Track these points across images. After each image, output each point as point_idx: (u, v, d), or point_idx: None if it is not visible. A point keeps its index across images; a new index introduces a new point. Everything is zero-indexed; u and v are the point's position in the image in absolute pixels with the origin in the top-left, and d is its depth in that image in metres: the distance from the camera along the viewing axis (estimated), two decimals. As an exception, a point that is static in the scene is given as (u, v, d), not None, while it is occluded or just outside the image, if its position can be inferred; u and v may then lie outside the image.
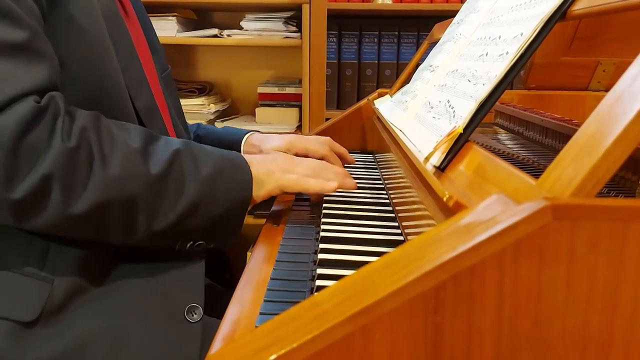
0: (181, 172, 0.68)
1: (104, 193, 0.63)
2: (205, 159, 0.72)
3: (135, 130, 0.69)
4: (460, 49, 0.78)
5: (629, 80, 0.36)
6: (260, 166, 0.77)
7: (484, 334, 0.33)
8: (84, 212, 0.63)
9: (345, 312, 0.33)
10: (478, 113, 0.57)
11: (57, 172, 0.60)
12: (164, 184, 0.67)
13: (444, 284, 0.32)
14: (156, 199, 0.67)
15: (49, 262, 0.69)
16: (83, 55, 0.69)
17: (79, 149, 0.62)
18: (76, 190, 0.62)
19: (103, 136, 0.65)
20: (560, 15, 0.53)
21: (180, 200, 0.68)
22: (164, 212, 0.67)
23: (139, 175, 0.65)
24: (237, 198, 0.73)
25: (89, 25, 0.69)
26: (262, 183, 0.76)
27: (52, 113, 0.62)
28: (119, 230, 0.67)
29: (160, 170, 0.67)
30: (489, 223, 0.33)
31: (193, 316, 0.72)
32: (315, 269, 0.63)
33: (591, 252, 0.32)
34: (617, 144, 0.33)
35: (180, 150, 0.70)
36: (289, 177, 0.78)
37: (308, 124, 1.78)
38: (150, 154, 0.68)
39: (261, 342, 0.35)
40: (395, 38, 1.89)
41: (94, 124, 0.65)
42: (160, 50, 0.98)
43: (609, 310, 0.33)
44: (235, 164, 0.75)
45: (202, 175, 0.70)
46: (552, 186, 0.36)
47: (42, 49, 0.64)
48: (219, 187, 0.71)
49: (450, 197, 0.46)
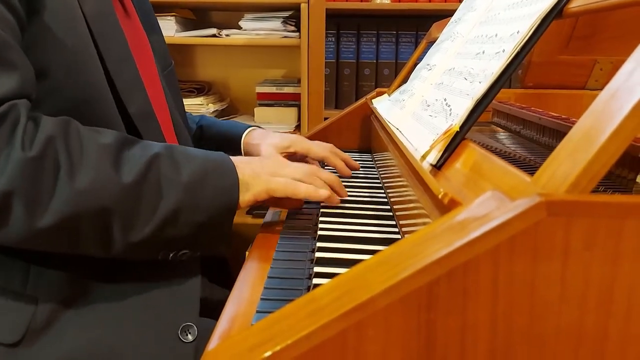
0: (158, 178, 0.64)
1: (72, 205, 0.59)
2: (187, 163, 0.67)
3: (109, 136, 0.65)
4: (457, 48, 0.78)
5: (624, 77, 0.36)
6: (246, 169, 0.72)
7: (478, 330, 0.33)
8: (52, 226, 0.59)
9: (339, 309, 0.33)
10: (474, 111, 0.57)
11: (17, 185, 0.57)
12: (139, 192, 0.63)
13: (438, 281, 0.32)
14: (131, 209, 0.63)
15: (30, 282, 0.67)
16: (64, 64, 0.66)
17: (43, 159, 0.59)
18: (41, 203, 0.59)
19: (72, 144, 0.61)
20: (556, 13, 0.52)
21: (158, 208, 0.64)
22: (141, 221, 0.63)
23: (110, 184, 0.62)
24: (222, 204, 0.68)
25: (69, 34, 0.66)
26: (248, 186, 0.72)
27: (11, 121, 0.58)
28: (94, 243, 0.64)
29: (134, 178, 0.63)
30: (483, 219, 0.33)
31: (187, 336, 0.69)
32: (313, 267, 0.63)
33: (586, 249, 0.32)
34: (612, 140, 0.33)
35: (159, 154, 0.66)
36: (277, 180, 0.74)
37: (307, 124, 1.78)
38: (124, 161, 0.64)
39: (256, 338, 0.35)
40: (394, 37, 1.89)
41: (62, 131, 0.62)
42: (163, 47, 0.98)
43: (604, 307, 0.33)
44: (220, 168, 0.70)
45: (183, 181, 0.65)
46: (547, 182, 0.36)
47: (11, 59, 0.60)
48: (202, 193, 0.67)
49: (445, 195, 0.46)
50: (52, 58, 0.66)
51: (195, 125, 1.10)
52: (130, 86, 0.75)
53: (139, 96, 0.76)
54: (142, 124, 0.75)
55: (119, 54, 0.74)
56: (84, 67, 0.68)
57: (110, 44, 0.72)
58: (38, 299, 0.67)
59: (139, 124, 0.75)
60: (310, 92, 1.76)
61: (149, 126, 0.77)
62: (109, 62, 0.71)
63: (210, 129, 1.08)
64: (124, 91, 0.72)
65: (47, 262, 0.67)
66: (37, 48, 0.65)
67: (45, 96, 0.66)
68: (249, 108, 2.01)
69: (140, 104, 0.76)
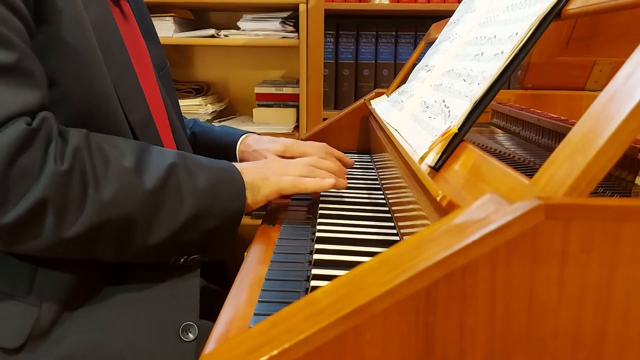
0: (178, 186, 0.67)
1: (100, 215, 0.62)
2: (201, 171, 0.70)
3: (126, 145, 0.68)
4: (456, 49, 0.78)
5: (623, 79, 0.36)
6: (254, 173, 0.76)
7: (476, 333, 0.33)
8: (78, 235, 0.61)
9: (337, 312, 0.33)
10: (473, 113, 0.56)
11: (51, 197, 0.59)
12: (161, 198, 0.66)
13: (436, 284, 0.32)
14: (153, 214, 0.65)
15: (36, 285, 0.67)
16: (73, 72, 0.67)
17: (72, 172, 0.61)
18: (71, 215, 0.60)
19: (95, 157, 0.63)
20: (555, 15, 0.52)
21: (178, 214, 0.67)
22: (161, 227, 0.66)
23: (134, 192, 0.64)
24: (231, 210, 0.72)
25: (78, 42, 0.67)
26: (258, 189, 0.76)
27: (45, 135, 0.60)
28: (113, 249, 0.66)
29: (155, 185, 0.65)
30: (481, 222, 0.33)
31: (188, 335, 0.69)
32: (311, 269, 0.63)
33: (584, 252, 0.32)
34: (611, 143, 0.33)
35: (175, 164, 0.68)
36: (285, 180, 0.78)
37: (305, 124, 1.77)
38: (145, 169, 0.66)
39: (254, 342, 0.35)
40: (393, 38, 1.89)
41: (86, 144, 0.63)
42: (159, 48, 0.98)
43: (601, 310, 0.33)
44: (228, 175, 0.73)
45: (199, 189, 0.68)
46: (545, 185, 0.36)
47: (32, 69, 0.62)
48: (214, 199, 0.70)
49: (444, 197, 0.46)
50: (61, 66, 0.66)
51: (189, 130, 1.09)
52: (131, 94, 0.75)
53: (139, 104, 0.77)
54: (142, 132, 0.76)
55: (120, 61, 0.74)
56: (91, 75, 0.68)
57: (111, 51, 0.72)
58: (42, 302, 0.67)
59: (139, 132, 0.75)
60: (309, 92, 1.76)
61: (148, 134, 0.77)
62: (110, 71, 0.71)
63: (204, 135, 1.08)
64: (124, 99, 0.73)
65: (54, 266, 0.68)
66: (46, 56, 0.65)
67: (55, 104, 0.66)
68: (248, 109, 2.01)
69: (140, 112, 0.76)
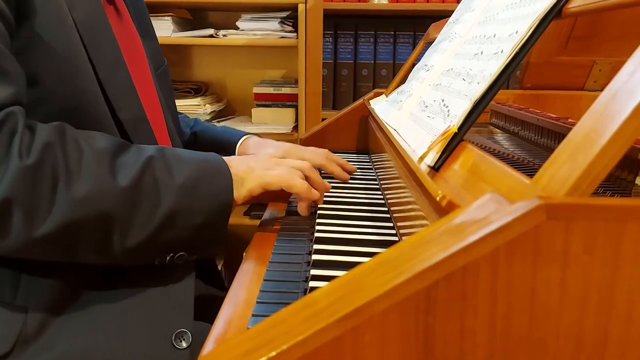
0: (154, 182, 0.64)
1: (71, 213, 0.59)
2: (181, 166, 0.67)
3: (103, 140, 0.65)
4: (455, 48, 0.77)
5: (625, 78, 0.36)
6: (241, 165, 0.73)
7: (477, 334, 0.33)
8: (50, 234, 0.59)
9: (335, 313, 0.32)
10: (473, 112, 0.56)
11: (16, 194, 0.56)
12: (136, 196, 0.63)
13: (436, 285, 0.32)
14: (129, 212, 0.63)
15: (21, 291, 0.66)
16: (55, 71, 0.65)
17: (41, 167, 0.58)
18: (40, 212, 0.58)
19: (69, 151, 0.61)
20: (555, 13, 0.52)
21: (155, 211, 0.64)
22: (139, 225, 0.63)
23: (108, 189, 0.61)
24: (217, 205, 0.68)
25: (60, 42, 0.66)
26: (243, 181, 0.72)
27: (9, 130, 0.58)
28: (91, 249, 0.63)
29: (130, 182, 0.63)
30: (482, 222, 0.32)
31: (181, 343, 0.67)
32: (309, 270, 0.62)
33: (586, 252, 0.32)
34: (613, 142, 0.33)
35: (153, 157, 0.66)
36: (272, 174, 0.74)
37: (304, 124, 1.77)
38: (121, 166, 0.64)
39: (252, 343, 0.34)
40: (391, 38, 1.89)
41: (58, 138, 0.61)
42: (156, 47, 0.97)
43: (604, 311, 0.32)
44: (213, 168, 0.70)
45: (178, 184, 0.65)
46: (546, 185, 0.35)
47: (4, 66, 0.60)
48: (197, 194, 0.66)
49: (443, 197, 0.46)
50: (43, 65, 0.65)
51: (189, 129, 1.09)
52: (122, 92, 0.74)
53: (131, 101, 0.76)
54: (133, 130, 0.74)
55: (110, 59, 0.73)
56: (74, 73, 0.67)
57: (101, 50, 0.71)
58: (28, 308, 0.65)
59: (130, 130, 0.74)
60: (307, 92, 1.76)
61: (140, 131, 0.76)
62: (99, 69, 0.70)
63: (204, 135, 1.08)
64: (114, 97, 0.72)
65: (38, 270, 0.66)
66: (27, 54, 0.64)
67: (36, 103, 0.65)
68: (246, 109, 2.00)
69: (132, 110, 0.75)
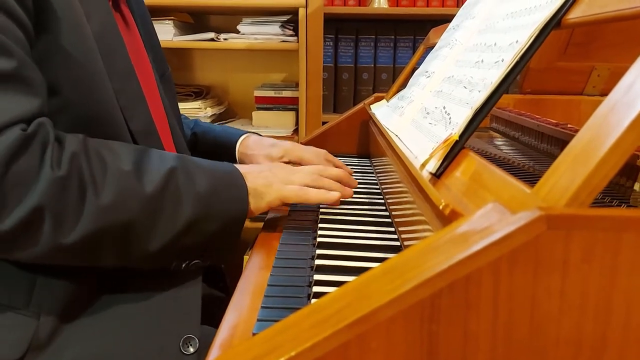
0: (178, 190, 0.66)
1: (98, 221, 0.61)
2: (201, 175, 0.69)
3: (125, 149, 0.67)
4: (456, 55, 0.78)
5: (623, 90, 0.36)
6: (258, 178, 0.75)
7: (480, 341, 0.34)
8: (77, 242, 0.61)
9: (342, 320, 0.33)
10: (474, 120, 0.57)
11: (48, 203, 0.58)
12: (160, 202, 0.65)
13: (440, 293, 0.33)
14: (153, 219, 0.65)
15: (35, 296, 0.67)
16: (74, 81, 0.67)
17: (70, 178, 0.60)
18: (69, 221, 0.60)
19: (93, 162, 0.63)
20: (555, 24, 0.53)
21: (177, 218, 0.66)
22: (161, 231, 0.65)
23: (133, 197, 0.63)
24: (233, 214, 0.71)
25: (80, 51, 0.67)
26: (262, 195, 0.75)
27: (41, 141, 0.60)
28: (114, 255, 0.65)
29: (155, 189, 0.65)
30: (484, 232, 0.33)
31: (188, 348, 0.68)
32: (313, 274, 0.63)
33: (585, 262, 0.32)
34: (611, 153, 0.34)
35: (175, 167, 0.68)
36: (289, 188, 0.77)
37: (305, 128, 1.78)
38: (144, 172, 0.65)
39: (259, 349, 0.35)
40: (392, 42, 1.90)
41: (83, 149, 0.63)
42: (160, 53, 0.98)
43: (602, 318, 0.33)
44: (230, 179, 0.73)
45: (199, 193, 0.68)
46: (547, 195, 0.36)
47: (30, 77, 0.62)
48: (215, 203, 0.69)
49: (447, 206, 0.46)
50: (63, 74, 0.66)
51: (190, 130, 1.10)
52: (133, 103, 0.74)
53: (141, 112, 0.76)
54: (144, 141, 0.75)
55: (122, 70, 0.74)
56: (93, 83, 0.68)
57: (114, 60, 0.72)
58: (40, 314, 0.66)
59: (140, 141, 0.74)
60: (308, 96, 1.77)
61: (150, 142, 0.76)
62: (112, 79, 0.70)
63: (205, 136, 1.09)
64: (126, 108, 0.73)
65: (51, 277, 0.67)
66: (47, 64, 0.65)
67: (56, 113, 0.66)
68: (247, 112, 2.01)
69: (142, 121, 0.76)
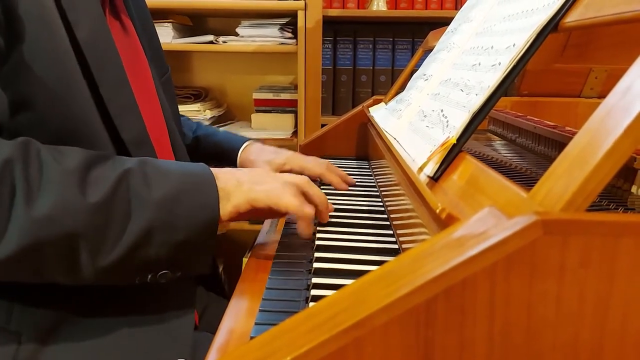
0: (128, 196, 0.61)
1: (32, 234, 0.56)
2: (161, 178, 0.63)
3: (75, 155, 0.62)
4: (453, 58, 0.78)
5: (620, 94, 0.37)
6: (229, 178, 0.68)
7: (476, 347, 0.33)
8: (11, 256, 0.56)
9: (338, 325, 0.33)
10: (471, 123, 0.57)
11: None
12: (107, 212, 0.59)
13: (436, 298, 0.33)
14: (99, 231, 0.59)
15: (14, 317, 0.65)
16: (48, 96, 0.64)
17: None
18: None
19: (31, 169, 0.58)
20: (552, 27, 0.53)
21: (127, 228, 0.60)
22: (110, 244, 0.59)
23: (75, 208, 0.58)
24: (201, 220, 0.63)
25: (53, 65, 0.64)
26: (229, 196, 0.67)
27: None
28: (60, 270, 0.60)
29: (101, 198, 0.59)
30: (480, 237, 0.33)
31: None
32: (311, 278, 0.63)
33: (581, 267, 0.32)
34: (608, 158, 0.34)
35: (130, 170, 0.62)
36: (260, 189, 0.68)
37: (304, 130, 1.78)
38: (92, 181, 0.60)
39: (255, 354, 0.35)
40: (390, 44, 1.90)
41: (21, 154, 0.58)
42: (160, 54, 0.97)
43: (599, 323, 0.33)
44: (198, 182, 0.66)
45: (154, 198, 0.61)
46: (543, 199, 0.36)
47: None
48: (177, 209, 0.62)
49: (443, 210, 0.47)
50: (36, 90, 0.63)
51: (192, 133, 1.10)
52: (125, 111, 0.72)
53: (134, 121, 0.74)
54: (136, 151, 0.72)
55: (114, 79, 0.71)
56: (70, 98, 0.65)
57: (105, 69, 0.70)
58: (22, 335, 0.65)
59: (133, 151, 0.72)
60: (307, 98, 1.77)
61: (143, 152, 0.73)
62: (103, 89, 0.68)
63: (207, 139, 1.08)
64: (117, 117, 0.70)
65: (31, 298, 0.66)
66: (20, 79, 0.63)
67: (31, 128, 0.63)
68: (246, 114, 2.01)
69: (135, 130, 0.73)
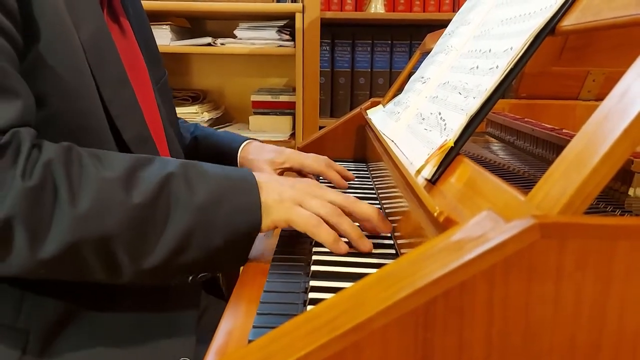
0: (168, 199, 0.61)
1: (74, 232, 0.57)
2: (203, 182, 0.63)
3: (119, 158, 0.64)
4: (451, 61, 0.78)
5: (617, 97, 0.37)
6: (273, 192, 0.67)
7: (474, 349, 0.34)
8: (55, 255, 0.57)
9: (337, 328, 0.33)
10: (469, 127, 0.57)
11: (18, 214, 0.56)
12: (149, 214, 0.60)
13: (435, 301, 0.33)
14: (139, 233, 0.60)
15: (23, 313, 0.65)
16: (60, 92, 0.65)
17: (42, 186, 0.57)
18: (41, 232, 0.57)
19: (72, 169, 0.59)
20: (549, 31, 0.53)
21: (167, 232, 0.60)
22: (149, 247, 0.60)
23: (116, 207, 0.59)
24: (241, 227, 0.64)
25: (66, 61, 0.65)
26: (270, 211, 0.66)
27: (14, 150, 0.58)
28: (102, 271, 0.61)
29: (144, 199, 0.60)
30: (479, 240, 0.33)
31: None
32: (309, 280, 0.63)
33: (579, 269, 0.33)
34: (605, 161, 0.34)
35: (173, 173, 0.63)
36: (299, 213, 0.67)
37: (302, 132, 1.78)
38: (136, 182, 0.61)
39: (254, 357, 0.35)
40: (388, 46, 1.90)
41: (63, 156, 0.60)
42: (157, 57, 0.98)
43: (596, 325, 0.34)
44: (241, 188, 0.65)
45: (196, 202, 0.62)
46: (540, 202, 0.37)
47: (11, 87, 0.60)
48: (217, 214, 0.62)
49: (441, 213, 0.47)
50: (49, 86, 0.65)
51: (190, 135, 1.09)
52: (126, 112, 0.73)
53: (135, 121, 0.75)
54: (138, 150, 0.73)
55: (115, 79, 0.73)
56: (80, 94, 0.67)
57: (105, 69, 0.71)
58: (29, 332, 0.65)
59: (135, 150, 0.73)
60: (305, 100, 1.77)
61: (145, 151, 0.74)
62: (103, 89, 0.69)
63: (205, 140, 1.08)
64: (119, 117, 0.71)
65: (41, 293, 0.66)
66: (34, 76, 0.64)
67: (42, 124, 0.64)
68: (244, 116, 2.01)
69: (136, 129, 0.74)
